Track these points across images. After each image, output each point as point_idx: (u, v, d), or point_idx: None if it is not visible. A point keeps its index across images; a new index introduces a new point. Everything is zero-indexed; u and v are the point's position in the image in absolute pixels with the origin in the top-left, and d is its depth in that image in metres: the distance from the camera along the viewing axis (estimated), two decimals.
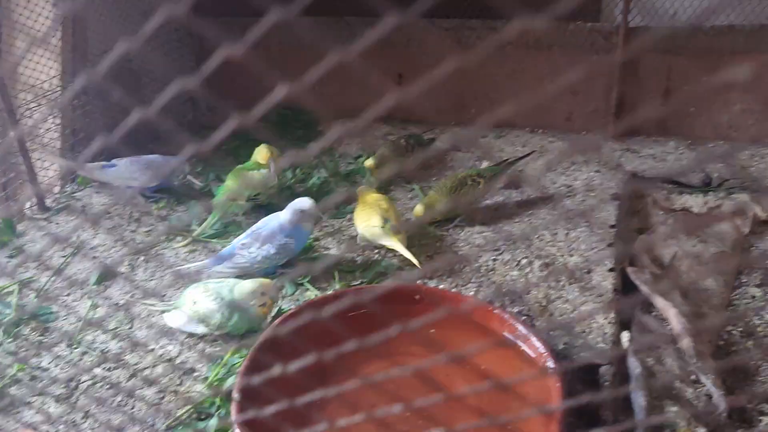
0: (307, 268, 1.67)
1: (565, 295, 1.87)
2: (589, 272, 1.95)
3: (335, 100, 3.07)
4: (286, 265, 2.09)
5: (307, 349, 0.85)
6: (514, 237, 2.18)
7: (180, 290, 1.91)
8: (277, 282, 1.82)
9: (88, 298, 2.01)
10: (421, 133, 2.94)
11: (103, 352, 1.80)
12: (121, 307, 1.97)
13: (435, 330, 1.64)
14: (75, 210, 2.47)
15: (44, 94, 2.57)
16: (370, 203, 2.16)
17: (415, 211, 2.26)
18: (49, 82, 2.58)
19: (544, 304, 1.84)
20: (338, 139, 3.04)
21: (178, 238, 2.29)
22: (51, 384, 1.70)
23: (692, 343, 1.71)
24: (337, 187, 2.55)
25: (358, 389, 0.93)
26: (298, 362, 0.87)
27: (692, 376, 1.65)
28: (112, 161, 2.49)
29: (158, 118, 0.73)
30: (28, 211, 2.50)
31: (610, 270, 1.94)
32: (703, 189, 2.45)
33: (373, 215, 2.11)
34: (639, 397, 1.52)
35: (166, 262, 2.17)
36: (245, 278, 1.82)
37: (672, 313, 1.79)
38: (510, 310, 1.79)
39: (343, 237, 2.28)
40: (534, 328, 1.65)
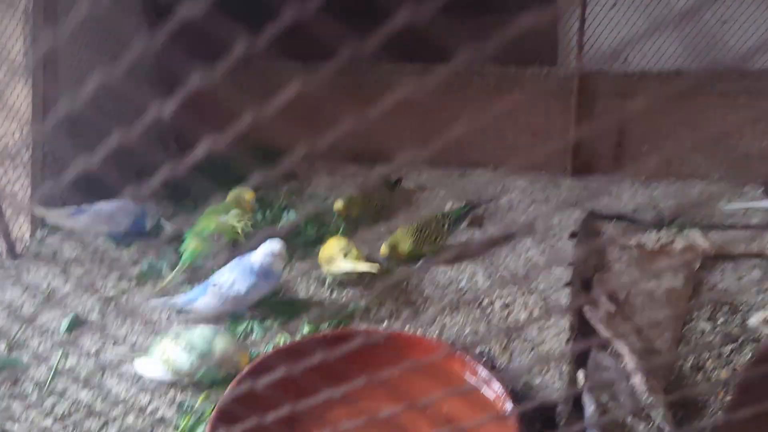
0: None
1: (524, 335, 1.95)
2: (546, 311, 2.03)
3: (308, 141, 3.17)
4: (257, 306, 2.14)
5: (276, 396, 0.91)
6: (476, 278, 2.26)
7: (151, 337, 1.95)
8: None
9: (59, 347, 2.04)
10: (390, 173, 3.03)
11: (74, 401, 1.82)
12: (92, 355, 2.00)
13: (399, 373, 1.70)
14: (46, 257, 2.49)
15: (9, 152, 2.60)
16: (332, 243, 2.27)
17: (381, 251, 2.34)
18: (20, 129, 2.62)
19: (504, 344, 1.92)
20: (309, 180, 3.12)
21: (150, 284, 2.33)
22: None
23: (644, 379, 1.80)
24: (307, 228, 2.61)
25: None
26: (269, 414, 0.93)
27: (645, 412, 1.74)
28: (81, 207, 2.50)
29: (129, 161, 0.79)
30: None
31: (567, 309, 2.03)
32: (656, 226, 2.57)
33: (334, 248, 2.22)
34: None
35: (137, 309, 2.21)
36: (219, 320, 1.87)
37: (625, 351, 1.88)
38: (472, 351, 1.87)
39: (312, 279, 2.34)
40: (494, 370, 1.73)
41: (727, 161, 2.81)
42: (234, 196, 2.51)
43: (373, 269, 2.13)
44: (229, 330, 2.05)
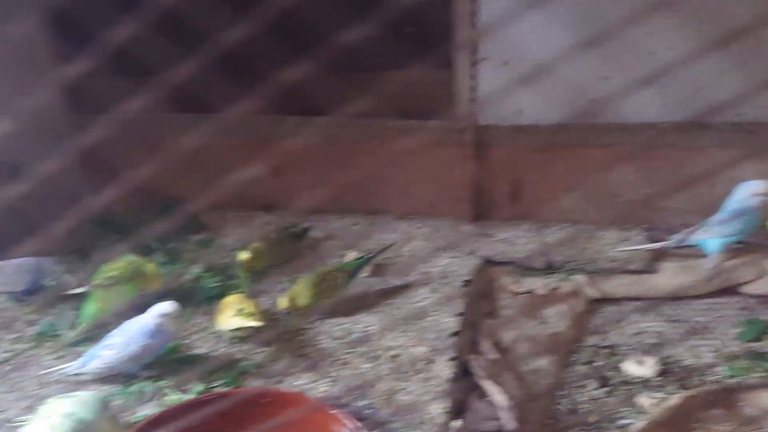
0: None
1: (407, 387, 2.04)
2: (431, 362, 2.13)
3: (216, 191, 3.22)
4: (151, 365, 2.17)
5: None
6: (369, 330, 2.35)
7: (39, 403, 1.95)
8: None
9: None
10: (299, 222, 3.10)
11: None
12: None
13: None
14: None
15: None
16: (228, 299, 2.33)
17: (279, 304, 2.40)
18: None
19: (388, 397, 2.00)
20: (218, 230, 3.16)
21: (47, 345, 2.33)
22: None
23: (518, 426, 1.90)
24: (209, 282, 2.66)
25: None
26: None
27: None
28: None
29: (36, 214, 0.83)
30: None
31: (452, 359, 2.13)
32: (546, 271, 2.71)
33: (229, 304, 2.29)
34: None
35: (31, 372, 2.21)
36: (112, 381, 1.89)
37: (500, 398, 1.99)
38: (354, 406, 1.94)
39: (211, 335, 2.38)
40: (373, 424, 1.80)
41: (613, 208, 3.00)
42: (133, 268, 2.51)
43: (257, 324, 2.20)
44: (121, 392, 2.07)
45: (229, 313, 2.29)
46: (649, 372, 2.18)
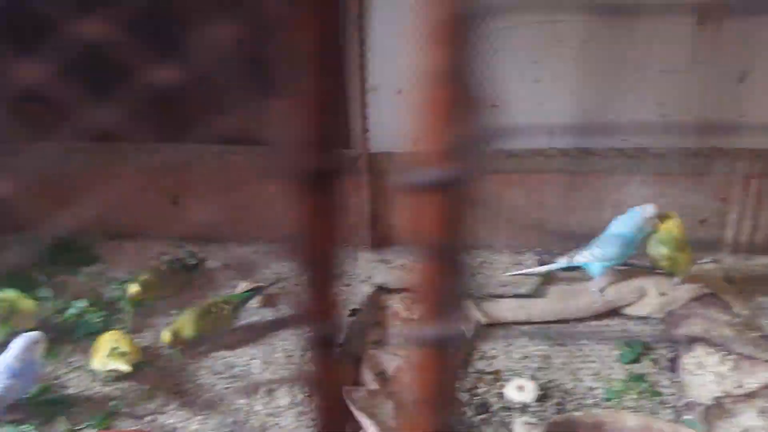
0: None
1: (281, 422, 2.00)
2: (308, 396, 2.09)
3: (111, 223, 3.14)
4: (15, 408, 2.07)
5: None
6: (251, 363, 2.31)
7: None
8: None
9: None
10: (196, 251, 3.05)
11: None
12: None
13: None
14: None
15: None
16: (104, 337, 2.25)
17: (162, 338, 2.34)
18: None
19: None
20: (111, 261, 3.07)
21: None
22: None
23: None
24: (91, 316, 2.57)
25: None
26: None
27: None
28: None
29: None
30: None
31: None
32: None
33: (104, 342, 2.21)
34: None
35: None
36: None
37: (372, 431, 1.97)
38: None
39: (86, 373, 2.30)
40: None
41: (506, 232, 3.04)
42: (6, 305, 2.39)
43: (125, 368, 2.12)
44: None
45: (103, 352, 2.21)
46: (529, 397, 2.20)
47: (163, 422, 2.05)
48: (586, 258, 2.67)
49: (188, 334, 2.35)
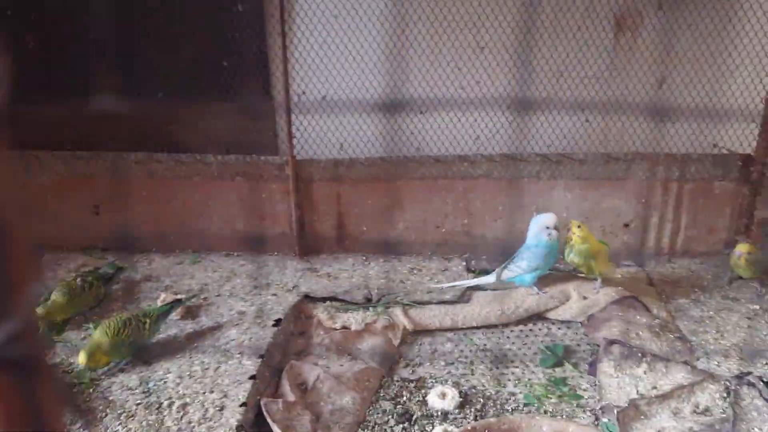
0: None
1: None
2: (222, 409, 2.04)
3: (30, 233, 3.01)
4: None
5: None
6: (167, 377, 2.23)
7: None
8: None
9: None
10: (117, 262, 2.95)
11: None
12: None
13: None
14: None
15: None
16: None
17: (79, 359, 2.22)
18: None
19: None
20: None
21: None
22: None
23: None
24: None
25: None
26: None
27: None
28: None
29: None
30: None
31: (242, 405, 2.05)
32: (365, 305, 2.69)
33: None
34: None
35: None
36: None
37: None
38: None
39: None
40: None
41: (435, 238, 3.04)
42: None
43: None
44: None
45: None
46: (450, 404, 2.19)
47: None
48: (514, 272, 2.68)
49: (105, 353, 2.25)
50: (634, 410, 2.08)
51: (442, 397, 2.22)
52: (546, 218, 2.60)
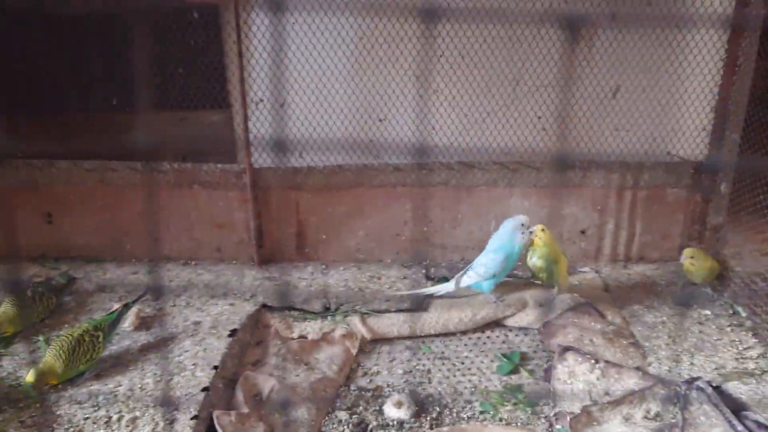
0: None
1: None
2: (172, 422, 2.00)
3: None
4: None
5: None
6: (117, 390, 2.18)
7: None
8: None
9: None
10: (71, 272, 2.89)
11: None
12: None
13: None
14: None
15: None
16: None
17: (27, 378, 2.13)
18: None
19: None
20: None
21: None
22: None
23: None
24: None
25: None
26: None
27: None
28: None
29: None
30: None
31: (193, 418, 2.02)
32: (323, 314, 2.68)
33: None
34: None
35: None
36: None
37: None
38: None
39: None
40: None
41: (395, 246, 3.04)
42: None
43: None
44: None
45: None
46: (406, 414, 2.18)
47: None
48: (473, 279, 2.69)
49: (58, 373, 2.18)
50: (587, 416, 2.09)
51: (398, 407, 2.21)
52: (521, 218, 2.62)
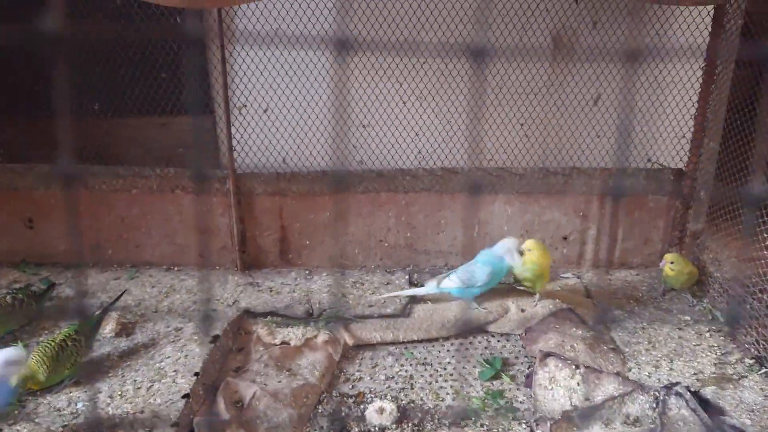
0: None
1: None
2: (152, 430, 1.99)
3: None
4: None
5: None
6: (97, 397, 2.17)
7: None
8: None
9: None
10: (44, 279, 2.86)
11: None
12: None
13: None
14: None
15: None
16: None
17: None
18: None
19: None
20: None
21: None
22: None
23: None
24: None
25: None
26: None
27: None
28: None
29: None
30: None
31: (173, 425, 2.01)
32: (305, 320, 2.67)
33: None
34: None
35: None
36: None
37: None
38: None
39: None
40: None
41: (379, 252, 3.05)
42: None
43: None
44: None
45: None
46: (388, 420, 2.18)
47: None
48: (454, 283, 2.69)
49: (42, 380, 2.16)
50: (567, 422, 2.11)
51: (380, 413, 2.21)
52: (515, 242, 2.64)
